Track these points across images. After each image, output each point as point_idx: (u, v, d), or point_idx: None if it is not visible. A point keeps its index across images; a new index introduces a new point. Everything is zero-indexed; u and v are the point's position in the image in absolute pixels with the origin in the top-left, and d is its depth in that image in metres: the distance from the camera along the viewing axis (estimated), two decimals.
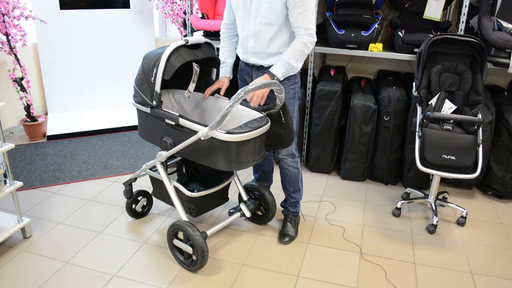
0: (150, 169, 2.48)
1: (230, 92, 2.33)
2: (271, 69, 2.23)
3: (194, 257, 2.22)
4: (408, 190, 3.06)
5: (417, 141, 2.58)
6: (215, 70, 2.46)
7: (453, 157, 2.47)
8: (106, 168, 3.42)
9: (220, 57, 2.49)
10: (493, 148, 3.02)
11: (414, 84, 2.83)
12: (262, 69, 2.33)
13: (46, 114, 4.34)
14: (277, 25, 2.21)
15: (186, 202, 2.33)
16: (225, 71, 2.47)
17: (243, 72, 2.46)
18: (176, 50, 2.15)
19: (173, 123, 2.17)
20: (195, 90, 2.43)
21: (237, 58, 2.51)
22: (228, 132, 2.00)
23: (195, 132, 2.05)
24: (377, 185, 3.30)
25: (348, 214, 2.88)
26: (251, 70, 2.39)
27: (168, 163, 2.42)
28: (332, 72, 3.46)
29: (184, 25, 4.05)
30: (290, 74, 2.29)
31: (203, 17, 3.57)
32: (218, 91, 2.44)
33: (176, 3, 3.98)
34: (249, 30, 2.27)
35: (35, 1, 3.97)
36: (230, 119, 2.04)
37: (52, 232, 2.58)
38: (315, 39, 2.23)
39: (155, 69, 2.15)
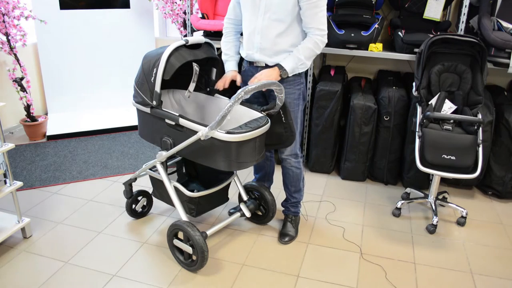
0: (150, 169, 2.48)
1: (230, 92, 2.32)
2: (280, 62, 2.19)
3: (194, 257, 2.22)
4: (408, 190, 3.06)
5: (417, 141, 2.58)
6: (215, 70, 2.46)
7: (453, 157, 2.47)
8: (106, 168, 3.42)
9: (226, 52, 2.44)
10: (493, 148, 3.02)
11: (414, 84, 2.83)
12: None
13: (46, 114, 4.34)
14: (286, 23, 2.18)
15: (186, 202, 2.33)
16: (232, 65, 2.43)
17: (247, 73, 2.40)
18: (176, 50, 2.15)
19: (173, 123, 2.17)
20: (195, 90, 2.43)
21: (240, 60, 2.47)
22: (228, 132, 2.00)
23: (195, 132, 2.05)
24: (377, 185, 3.30)
25: (348, 214, 2.88)
26: (256, 70, 2.34)
27: (168, 163, 2.42)
28: (332, 72, 3.46)
29: (184, 25, 4.05)
30: (299, 71, 2.27)
31: (203, 17, 3.57)
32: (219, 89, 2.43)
33: (176, 3, 3.98)
34: (257, 25, 2.23)
35: (35, 1, 3.97)
36: (230, 119, 2.04)
37: (52, 232, 2.58)
38: (326, 41, 2.23)
39: (155, 69, 2.14)
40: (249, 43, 2.31)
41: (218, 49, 2.47)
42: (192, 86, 2.38)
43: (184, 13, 3.99)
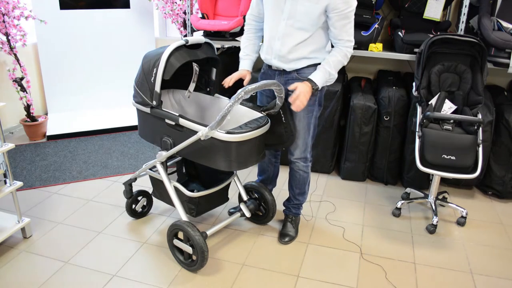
0: (150, 169, 2.48)
1: (230, 92, 2.32)
2: (311, 77, 2.12)
3: (194, 257, 2.22)
4: (408, 190, 3.06)
5: (417, 141, 2.58)
6: (215, 70, 2.46)
7: (453, 157, 2.47)
8: (106, 168, 3.42)
9: (243, 50, 2.38)
10: (493, 148, 3.02)
11: (414, 84, 2.83)
12: (285, 74, 2.26)
13: (46, 114, 4.34)
14: (309, 32, 2.11)
15: (186, 202, 2.33)
16: (247, 64, 2.36)
17: (266, 77, 2.34)
18: (176, 50, 2.15)
19: (173, 123, 2.17)
20: (195, 90, 2.44)
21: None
22: (228, 132, 2.00)
23: (195, 132, 2.06)
24: (377, 185, 3.30)
25: (348, 214, 2.88)
26: (273, 74, 2.30)
27: (168, 163, 2.42)
28: None
29: (184, 25, 4.05)
30: (328, 84, 2.22)
31: (203, 17, 3.57)
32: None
33: (176, 3, 3.98)
34: (278, 30, 2.15)
35: (35, 1, 3.97)
36: (230, 119, 2.04)
37: (52, 232, 2.58)
38: (353, 51, 2.18)
39: (155, 69, 2.15)
40: (268, 48, 2.25)
41: (218, 49, 2.47)
42: (192, 86, 2.38)
43: (184, 13, 3.99)
